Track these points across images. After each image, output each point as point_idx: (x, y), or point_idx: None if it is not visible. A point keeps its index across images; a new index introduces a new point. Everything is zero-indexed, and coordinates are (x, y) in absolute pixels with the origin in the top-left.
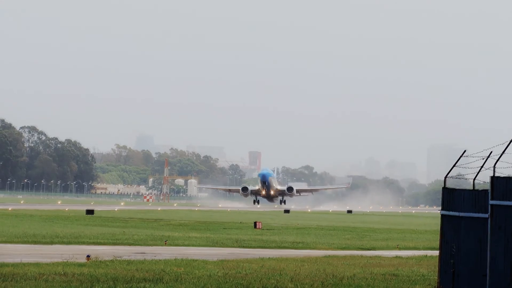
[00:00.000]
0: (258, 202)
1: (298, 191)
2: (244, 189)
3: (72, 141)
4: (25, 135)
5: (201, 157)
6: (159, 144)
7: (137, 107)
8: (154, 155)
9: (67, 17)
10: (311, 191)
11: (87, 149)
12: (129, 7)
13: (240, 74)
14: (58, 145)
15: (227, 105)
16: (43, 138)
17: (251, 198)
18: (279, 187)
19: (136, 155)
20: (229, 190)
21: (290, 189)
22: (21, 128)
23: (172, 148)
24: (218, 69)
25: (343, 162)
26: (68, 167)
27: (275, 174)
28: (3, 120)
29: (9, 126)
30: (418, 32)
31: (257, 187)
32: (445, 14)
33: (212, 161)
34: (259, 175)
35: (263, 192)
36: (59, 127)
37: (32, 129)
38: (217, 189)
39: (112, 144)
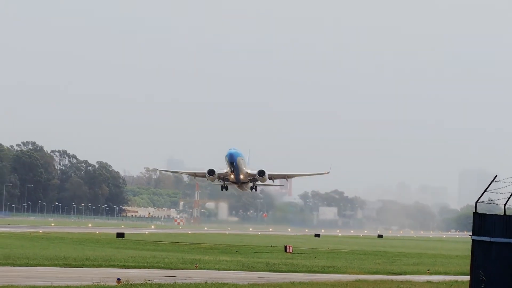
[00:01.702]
0: (226, 188)
1: (271, 176)
2: (211, 172)
3: (103, 163)
4: (56, 158)
5: None
6: (190, 167)
7: (167, 130)
8: (185, 179)
9: (88, 49)
10: (285, 176)
11: (117, 172)
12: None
13: (272, 100)
14: (89, 167)
15: (257, 128)
16: (74, 161)
17: (219, 183)
18: (249, 171)
19: (167, 178)
20: (195, 175)
21: (261, 172)
22: (52, 151)
23: None
24: (247, 92)
25: (374, 186)
26: (99, 190)
27: (247, 159)
28: (34, 143)
29: (40, 149)
30: (453, 56)
31: (225, 171)
32: (482, 33)
33: None
34: (226, 155)
35: (232, 176)
36: (89, 149)
37: (63, 153)
38: (180, 173)
39: (142, 167)
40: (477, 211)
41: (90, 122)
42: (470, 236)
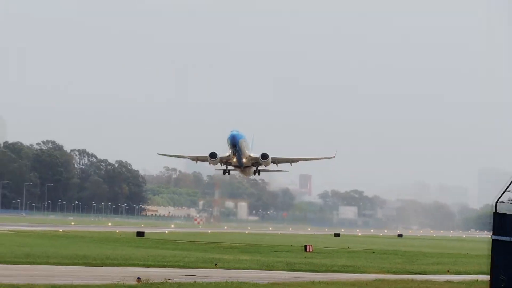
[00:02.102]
0: (229, 172)
1: (274, 160)
2: (213, 155)
3: (123, 162)
4: (76, 157)
5: (251, 179)
6: (210, 167)
7: (187, 129)
8: (205, 178)
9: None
10: (289, 160)
11: (137, 171)
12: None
13: (287, 99)
14: (109, 167)
15: (276, 128)
16: (94, 160)
17: (222, 168)
18: (252, 154)
19: (187, 177)
20: (197, 159)
21: (264, 156)
22: (71, 150)
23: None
24: (266, 92)
25: (394, 186)
26: (119, 189)
27: (250, 144)
28: (54, 142)
29: (60, 148)
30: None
31: (227, 154)
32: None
33: (262, 184)
34: (228, 137)
35: (234, 160)
36: (108, 148)
37: (83, 152)
38: (182, 157)
39: (161, 167)
40: (497, 211)
41: (108, 121)
42: (490, 236)
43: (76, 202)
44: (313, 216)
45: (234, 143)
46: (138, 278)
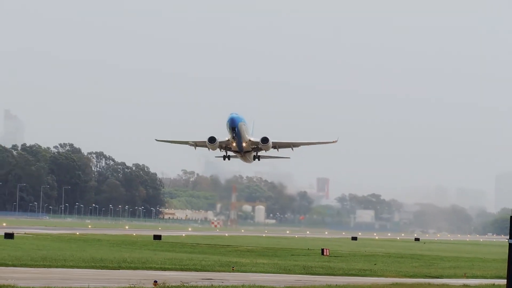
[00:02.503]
0: (229, 158)
1: (275, 144)
2: (211, 139)
3: (140, 165)
4: (93, 159)
5: (269, 183)
6: (227, 170)
7: (187, 129)
8: (222, 181)
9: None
10: (290, 145)
11: (155, 174)
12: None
13: (286, 99)
14: (126, 170)
15: (276, 128)
16: (111, 163)
17: (221, 155)
18: (252, 139)
19: (204, 180)
20: (195, 144)
21: (264, 140)
22: (89, 153)
23: (238, 175)
24: (266, 92)
25: (411, 189)
26: (136, 192)
27: (250, 129)
28: (72, 145)
29: (78, 151)
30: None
31: (226, 138)
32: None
33: (279, 187)
34: (227, 121)
35: (234, 144)
36: (126, 151)
37: (100, 154)
38: (183, 142)
39: (179, 170)
40: None
41: (126, 124)
42: (507, 240)
43: (93, 205)
44: (330, 220)
45: (233, 126)
46: (155, 282)
